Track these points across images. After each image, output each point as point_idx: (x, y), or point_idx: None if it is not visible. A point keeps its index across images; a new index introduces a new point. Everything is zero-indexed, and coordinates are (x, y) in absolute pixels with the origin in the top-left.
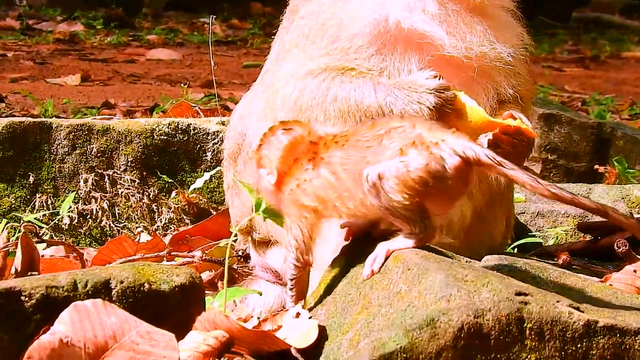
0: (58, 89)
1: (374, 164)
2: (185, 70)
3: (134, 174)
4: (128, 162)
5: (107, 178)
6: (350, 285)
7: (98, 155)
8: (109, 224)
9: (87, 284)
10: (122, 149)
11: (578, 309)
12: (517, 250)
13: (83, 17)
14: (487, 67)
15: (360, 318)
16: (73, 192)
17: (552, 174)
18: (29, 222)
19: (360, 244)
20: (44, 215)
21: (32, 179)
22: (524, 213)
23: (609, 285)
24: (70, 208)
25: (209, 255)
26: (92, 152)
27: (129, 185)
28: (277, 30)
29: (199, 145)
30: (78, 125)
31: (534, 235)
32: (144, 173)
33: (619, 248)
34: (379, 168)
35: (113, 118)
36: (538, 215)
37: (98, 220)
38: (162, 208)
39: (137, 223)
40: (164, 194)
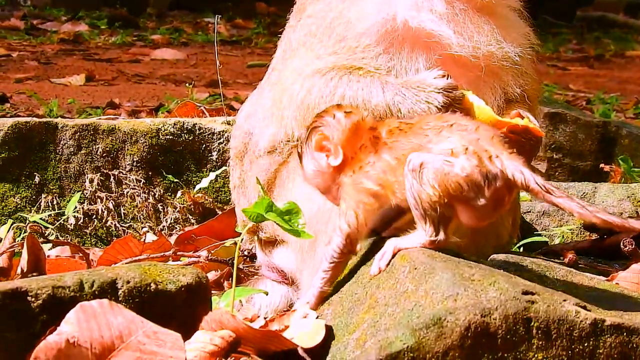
0: (63, 89)
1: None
2: (190, 70)
3: (140, 174)
4: (133, 162)
5: (112, 178)
6: (357, 285)
7: (103, 155)
8: (115, 224)
9: (93, 284)
10: (127, 149)
11: (585, 308)
12: (523, 250)
13: (87, 17)
14: (494, 66)
15: (367, 317)
16: (79, 192)
17: (557, 173)
18: (35, 222)
19: (368, 245)
20: (50, 216)
21: (37, 179)
22: (530, 212)
23: (616, 284)
24: (76, 208)
25: (215, 255)
26: (97, 152)
27: (135, 185)
28: (282, 30)
29: (205, 145)
30: (83, 125)
31: (540, 234)
32: (150, 173)
33: (625, 247)
34: (424, 157)
35: (118, 118)
36: (544, 214)
37: (104, 221)
38: (167, 208)
39: (142, 223)
40: (170, 194)
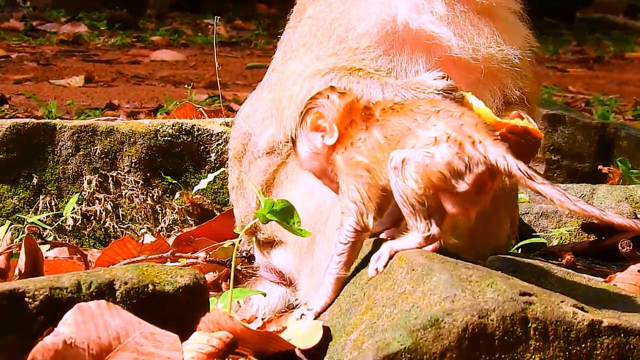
0: (62, 90)
1: (411, 139)
2: (189, 71)
3: (138, 175)
4: (132, 163)
5: (110, 179)
6: (355, 286)
7: (102, 157)
8: (113, 225)
9: (91, 285)
10: (126, 150)
11: (582, 309)
12: (521, 251)
13: (87, 18)
14: (494, 68)
15: (365, 319)
16: (77, 193)
17: (555, 175)
18: (33, 223)
19: (366, 246)
20: (48, 217)
21: (35, 181)
22: (528, 213)
23: (613, 285)
24: (74, 209)
25: (213, 256)
26: (95, 153)
27: (133, 187)
28: (281, 31)
29: (203, 146)
30: (82, 127)
31: (538, 236)
32: (148, 174)
33: (623, 248)
34: (405, 153)
35: (117, 119)
36: (542, 216)
37: (102, 222)
38: (166, 209)
39: (141, 224)
40: (168, 195)
